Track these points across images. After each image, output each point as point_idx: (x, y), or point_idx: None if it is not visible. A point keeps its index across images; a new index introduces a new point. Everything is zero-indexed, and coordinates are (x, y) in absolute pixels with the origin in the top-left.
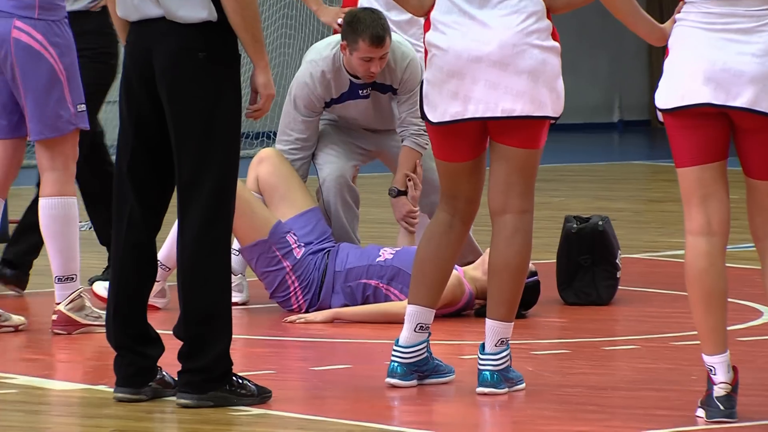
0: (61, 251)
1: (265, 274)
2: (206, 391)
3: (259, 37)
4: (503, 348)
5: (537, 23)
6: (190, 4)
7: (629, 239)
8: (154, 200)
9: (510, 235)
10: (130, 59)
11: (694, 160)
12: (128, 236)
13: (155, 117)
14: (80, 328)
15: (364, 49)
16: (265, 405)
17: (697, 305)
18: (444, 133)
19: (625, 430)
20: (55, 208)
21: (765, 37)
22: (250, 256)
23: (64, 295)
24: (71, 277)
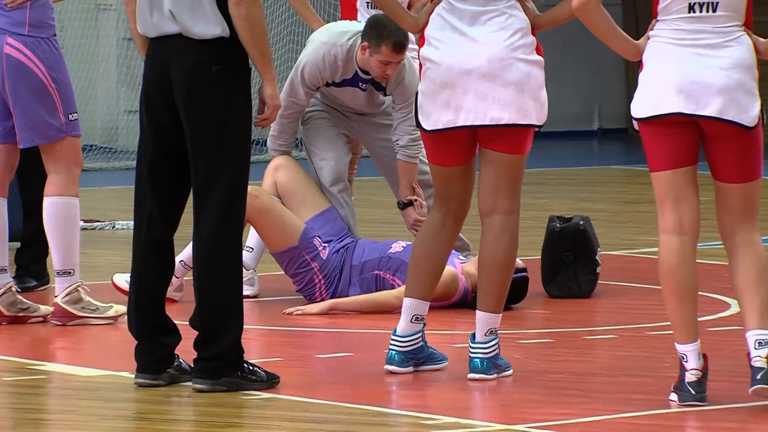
0: (61, 247)
1: (295, 275)
2: (220, 377)
3: (266, 53)
4: (492, 337)
5: (522, 39)
6: (204, 22)
7: (608, 237)
8: (171, 201)
9: (498, 233)
10: (150, 72)
11: (667, 165)
12: (148, 234)
13: (173, 125)
14: (76, 320)
15: (386, 53)
16: (273, 390)
17: (670, 298)
18: (437, 140)
19: (605, 412)
20: (57, 207)
21: (731, 51)
22: (282, 260)
23: (62, 288)
24: (69, 272)
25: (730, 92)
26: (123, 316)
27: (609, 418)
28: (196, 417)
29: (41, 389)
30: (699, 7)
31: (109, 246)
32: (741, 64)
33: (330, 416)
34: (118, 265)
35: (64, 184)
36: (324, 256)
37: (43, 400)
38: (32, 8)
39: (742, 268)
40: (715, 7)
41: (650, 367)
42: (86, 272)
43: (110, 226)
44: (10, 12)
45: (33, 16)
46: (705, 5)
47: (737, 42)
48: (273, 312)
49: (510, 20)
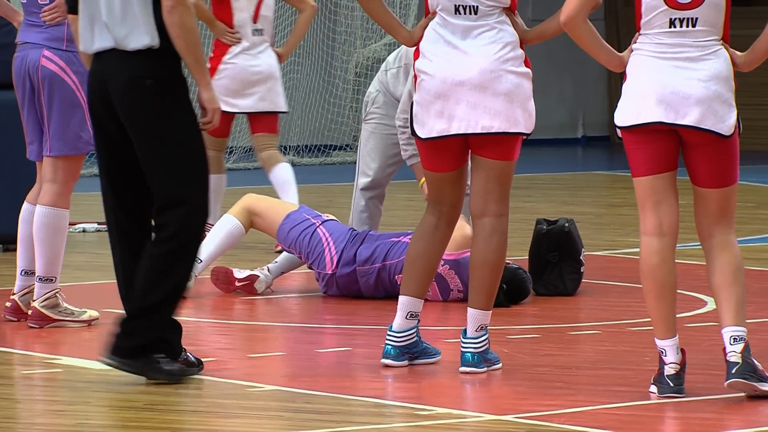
0: (46, 255)
1: (301, 237)
2: (135, 357)
3: (200, 59)
4: (482, 333)
5: (512, 52)
6: (135, 32)
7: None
8: (133, 207)
9: (488, 235)
10: (90, 87)
11: (648, 171)
12: (120, 242)
13: (122, 137)
14: (52, 323)
15: None
16: (274, 382)
17: (651, 296)
18: (431, 147)
19: (589, 404)
20: (48, 217)
21: (709, 64)
22: (283, 232)
23: (41, 294)
24: (51, 279)
25: (708, 103)
26: (96, 320)
27: (592, 409)
28: (203, 408)
29: (57, 382)
30: (679, 22)
31: None
32: (718, 76)
33: (329, 407)
34: None
35: (58, 195)
36: (325, 218)
37: (59, 392)
38: (70, 25)
39: (719, 268)
40: (695, 22)
41: (631, 361)
42: (97, 272)
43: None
44: (48, 28)
45: (70, 32)
46: (685, 20)
47: (715, 55)
48: (275, 310)
49: (500, 34)
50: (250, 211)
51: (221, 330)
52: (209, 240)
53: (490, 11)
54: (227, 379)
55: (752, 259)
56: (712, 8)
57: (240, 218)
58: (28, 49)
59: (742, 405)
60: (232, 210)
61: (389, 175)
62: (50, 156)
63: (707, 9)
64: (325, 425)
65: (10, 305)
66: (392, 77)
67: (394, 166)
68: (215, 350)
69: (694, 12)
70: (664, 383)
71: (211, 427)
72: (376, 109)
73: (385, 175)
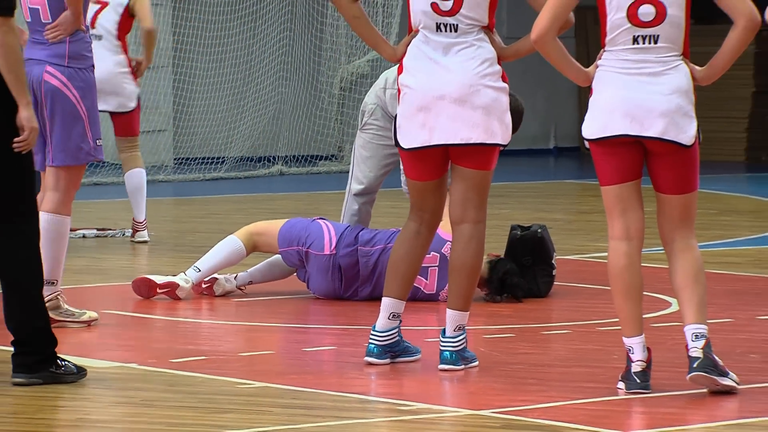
0: (49, 260)
1: (301, 228)
2: (37, 371)
3: (22, 78)
4: (460, 333)
5: (490, 68)
6: None
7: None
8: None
9: (467, 240)
10: None
11: (615, 180)
12: None
13: None
14: (54, 323)
15: None
16: (265, 379)
17: (618, 296)
18: (414, 157)
19: (560, 399)
20: (50, 223)
21: (671, 78)
22: (284, 232)
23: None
24: (52, 282)
25: (671, 115)
26: (95, 321)
27: (564, 404)
28: (197, 404)
29: None
30: (642, 39)
31: (119, 251)
32: (679, 90)
33: (316, 403)
34: (127, 268)
35: (60, 203)
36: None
37: (60, 388)
38: (71, 42)
39: (681, 270)
40: (656, 39)
41: (600, 359)
42: (96, 275)
43: (120, 233)
44: (51, 46)
45: (72, 49)
46: (647, 38)
47: (676, 70)
48: (263, 311)
49: (479, 51)
50: (252, 233)
51: (215, 330)
52: (211, 254)
53: (469, 29)
54: (220, 377)
55: (714, 263)
56: (672, 26)
57: (243, 240)
58: (32, 65)
59: (705, 400)
60: (238, 232)
61: (380, 182)
62: (53, 166)
63: (668, 27)
64: (312, 420)
65: None
66: (391, 98)
67: (385, 173)
68: (209, 349)
69: (655, 29)
70: (632, 380)
71: (204, 421)
72: (374, 121)
73: (377, 183)
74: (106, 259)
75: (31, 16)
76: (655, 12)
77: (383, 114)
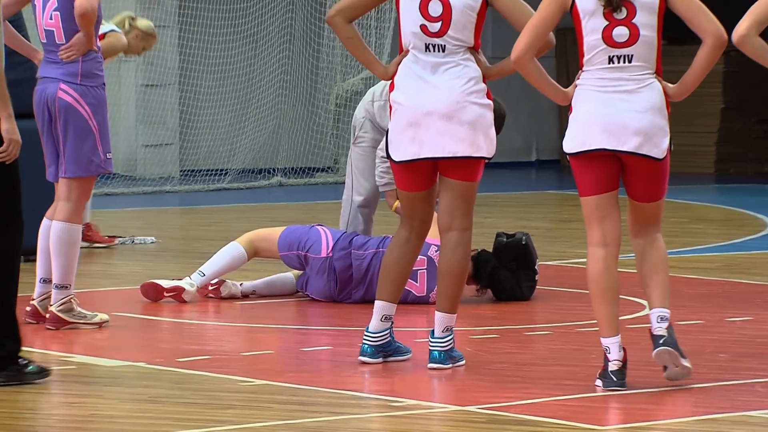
0: (63, 266)
1: (300, 233)
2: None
3: (2, 93)
4: (448, 333)
5: (475, 86)
6: None
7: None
8: None
9: (454, 247)
10: None
11: (594, 191)
12: None
13: None
14: (68, 325)
15: None
16: (263, 376)
17: (596, 299)
18: (404, 169)
19: (542, 396)
20: (63, 232)
21: (644, 95)
22: (284, 238)
23: (57, 299)
24: (66, 286)
25: (645, 131)
26: (106, 323)
27: (545, 400)
28: (202, 400)
29: (72, 377)
30: (617, 58)
31: (129, 258)
32: (653, 107)
33: (313, 399)
34: (137, 273)
35: (72, 212)
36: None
37: (73, 386)
38: (83, 62)
39: (647, 260)
40: (631, 59)
41: (579, 358)
42: (110, 279)
43: (130, 241)
44: (64, 65)
45: (84, 68)
46: (622, 57)
47: (650, 88)
48: (264, 312)
49: (465, 70)
50: (253, 239)
51: (218, 331)
52: (215, 260)
53: (456, 49)
54: (223, 375)
55: (685, 269)
56: (645, 46)
57: (245, 247)
58: (47, 83)
59: (677, 397)
60: (240, 239)
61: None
62: (65, 177)
63: (641, 47)
64: (309, 415)
65: (30, 309)
66: (379, 109)
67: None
68: (213, 349)
69: (629, 50)
70: (608, 378)
71: (208, 417)
72: (365, 134)
73: (377, 192)
74: (117, 265)
75: (46, 37)
76: (628, 33)
77: (372, 126)
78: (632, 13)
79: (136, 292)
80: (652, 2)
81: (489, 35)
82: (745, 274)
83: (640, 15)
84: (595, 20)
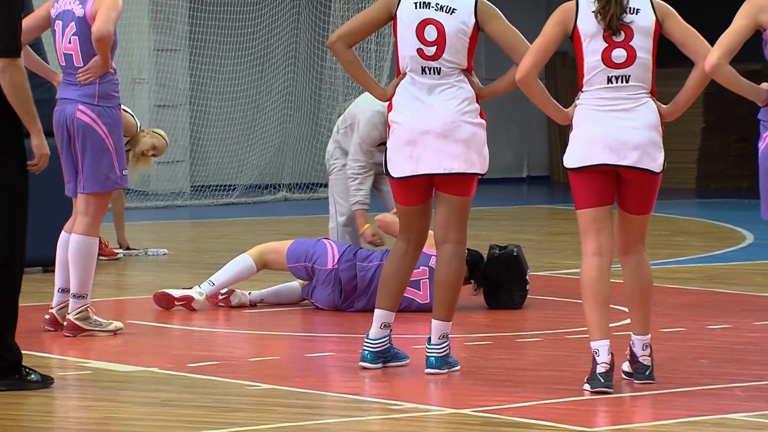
0: (80, 276)
1: (307, 246)
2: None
3: (30, 111)
4: (444, 340)
5: (469, 106)
6: None
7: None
8: None
9: (449, 258)
10: None
11: (592, 204)
12: None
13: None
14: (84, 332)
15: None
16: (269, 381)
17: (588, 305)
18: (402, 185)
19: (533, 399)
20: (81, 244)
21: (641, 113)
22: (292, 250)
23: (74, 308)
24: (83, 296)
25: (643, 146)
26: (121, 330)
27: (536, 404)
28: (210, 403)
29: (88, 382)
30: (615, 79)
31: (142, 268)
32: (650, 124)
33: (316, 402)
34: (150, 283)
35: (90, 226)
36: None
37: (89, 390)
38: (100, 83)
39: (636, 285)
40: (628, 78)
41: (568, 364)
42: (122, 289)
43: (143, 253)
44: (83, 87)
45: (101, 90)
46: (620, 77)
47: (646, 106)
48: (270, 321)
49: (459, 91)
50: (263, 252)
51: (227, 338)
52: (225, 270)
53: (450, 72)
54: (231, 379)
55: (668, 279)
56: (641, 67)
57: (254, 259)
58: (66, 104)
59: (660, 400)
60: (250, 251)
61: None
62: (83, 193)
63: (638, 68)
64: (312, 418)
65: (48, 318)
66: (343, 136)
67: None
68: (222, 355)
69: (627, 70)
70: (596, 380)
71: (217, 419)
72: (336, 161)
73: None
74: (131, 276)
75: (65, 60)
76: (626, 55)
77: (342, 152)
78: (630, 36)
79: (149, 301)
80: (648, 26)
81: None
82: (725, 284)
83: (637, 38)
84: (596, 42)
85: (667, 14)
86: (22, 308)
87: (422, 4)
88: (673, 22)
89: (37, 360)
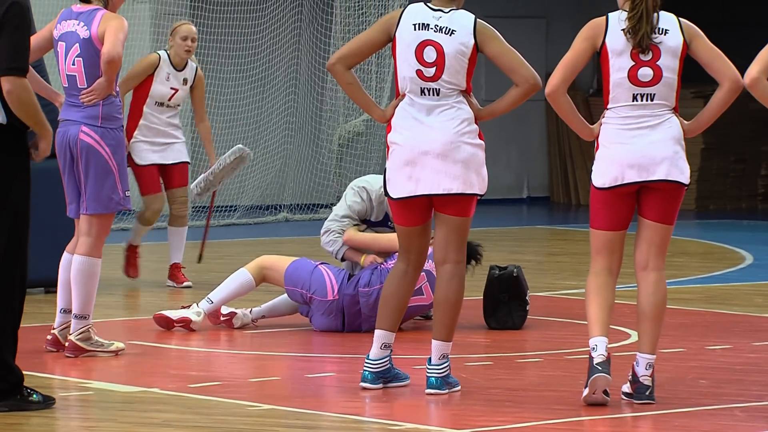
0: (83, 297)
1: (305, 274)
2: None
3: (40, 121)
4: (444, 361)
5: (468, 127)
6: None
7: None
8: None
9: (449, 278)
10: None
11: (609, 227)
12: None
13: None
14: (86, 353)
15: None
16: (270, 401)
17: (593, 304)
18: (401, 205)
19: (533, 419)
20: (83, 265)
21: (666, 129)
22: (290, 274)
23: (76, 328)
24: (85, 316)
25: (670, 158)
26: (122, 351)
27: (536, 424)
28: (212, 424)
29: (89, 402)
30: (641, 96)
31: (143, 289)
32: (674, 137)
33: (317, 423)
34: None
35: (92, 246)
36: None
37: (91, 410)
38: (104, 105)
39: (652, 303)
40: (653, 97)
41: (568, 384)
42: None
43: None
44: (85, 108)
45: (104, 111)
46: (645, 95)
47: (669, 122)
48: (272, 342)
49: (458, 112)
50: (262, 266)
51: (228, 358)
52: (223, 287)
53: (449, 93)
54: (232, 400)
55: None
56: (666, 87)
57: (253, 273)
58: (69, 125)
59: (660, 420)
60: (248, 266)
61: None
62: (86, 214)
63: (663, 87)
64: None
65: (50, 338)
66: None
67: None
68: (222, 375)
69: (653, 89)
70: (594, 369)
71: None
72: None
73: None
74: (133, 296)
75: (68, 81)
76: (652, 74)
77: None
78: (657, 56)
79: (150, 321)
80: (676, 47)
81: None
82: (724, 304)
83: (664, 58)
84: (623, 59)
85: (694, 35)
86: (24, 329)
87: (421, 26)
88: (700, 43)
89: (38, 380)
